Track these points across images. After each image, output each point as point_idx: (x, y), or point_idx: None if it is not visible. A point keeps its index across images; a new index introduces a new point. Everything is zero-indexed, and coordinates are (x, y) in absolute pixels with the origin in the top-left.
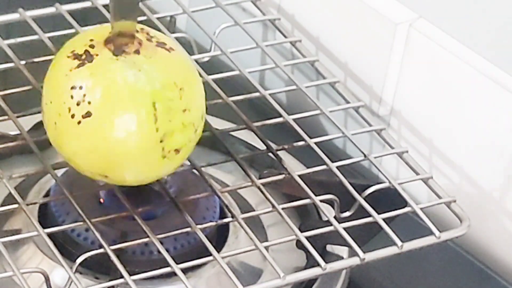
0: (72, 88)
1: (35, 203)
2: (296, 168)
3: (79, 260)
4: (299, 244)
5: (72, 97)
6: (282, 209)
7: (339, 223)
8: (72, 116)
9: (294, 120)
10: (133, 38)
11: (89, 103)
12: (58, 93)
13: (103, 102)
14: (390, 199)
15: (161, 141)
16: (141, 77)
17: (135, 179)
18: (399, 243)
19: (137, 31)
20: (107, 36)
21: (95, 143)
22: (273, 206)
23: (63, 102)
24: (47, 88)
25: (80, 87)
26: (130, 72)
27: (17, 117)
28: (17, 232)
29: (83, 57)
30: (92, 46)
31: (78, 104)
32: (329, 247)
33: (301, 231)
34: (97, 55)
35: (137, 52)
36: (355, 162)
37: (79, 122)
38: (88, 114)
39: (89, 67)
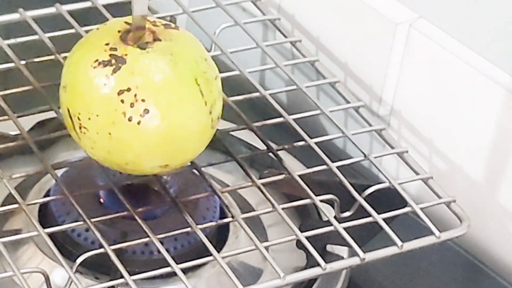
0: (119, 93)
1: (35, 203)
2: (296, 168)
3: (79, 260)
4: (299, 244)
5: (122, 101)
6: (282, 209)
7: (339, 223)
8: (130, 119)
9: (294, 120)
10: (144, 29)
11: (143, 100)
12: (104, 104)
13: (156, 95)
14: (390, 199)
15: (210, 113)
16: (177, 60)
17: (193, 157)
18: (399, 243)
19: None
20: (119, 36)
21: (159, 137)
22: (273, 206)
23: (114, 110)
24: (85, 106)
25: (128, 89)
26: (166, 59)
27: (17, 117)
28: (17, 232)
29: (113, 61)
30: (114, 49)
31: (132, 106)
32: (329, 247)
33: (301, 231)
34: (126, 55)
35: (157, 39)
36: (355, 162)
37: (139, 122)
38: (146, 112)
39: (127, 68)
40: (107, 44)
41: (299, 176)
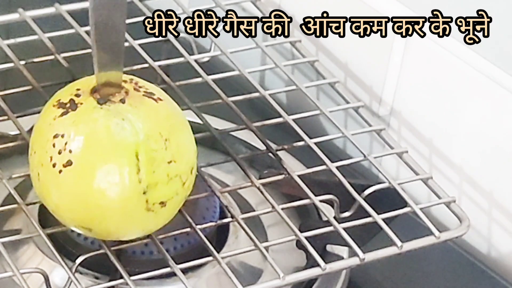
0: (54, 136)
1: (35, 203)
2: (296, 168)
3: (79, 260)
4: (299, 244)
5: (54, 145)
6: (282, 209)
7: (339, 223)
8: (54, 165)
9: (294, 120)
10: (120, 88)
11: (70, 151)
12: (42, 142)
13: (84, 151)
14: (390, 199)
15: (144, 193)
16: (125, 126)
17: (119, 233)
18: (398, 243)
19: (125, 81)
20: (93, 86)
21: (76, 194)
22: (273, 206)
23: (45, 151)
24: (33, 138)
25: (62, 136)
26: (114, 121)
27: (17, 117)
28: (17, 232)
29: (68, 105)
30: (77, 95)
31: (59, 153)
32: (329, 247)
33: (301, 231)
34: (81, 103)
35: (122, 101)
36: (355, 162)
37: (60, 171)
38: (68, 163)
39: (72, 115)
40: (78, 89)
41: (299, 176)
